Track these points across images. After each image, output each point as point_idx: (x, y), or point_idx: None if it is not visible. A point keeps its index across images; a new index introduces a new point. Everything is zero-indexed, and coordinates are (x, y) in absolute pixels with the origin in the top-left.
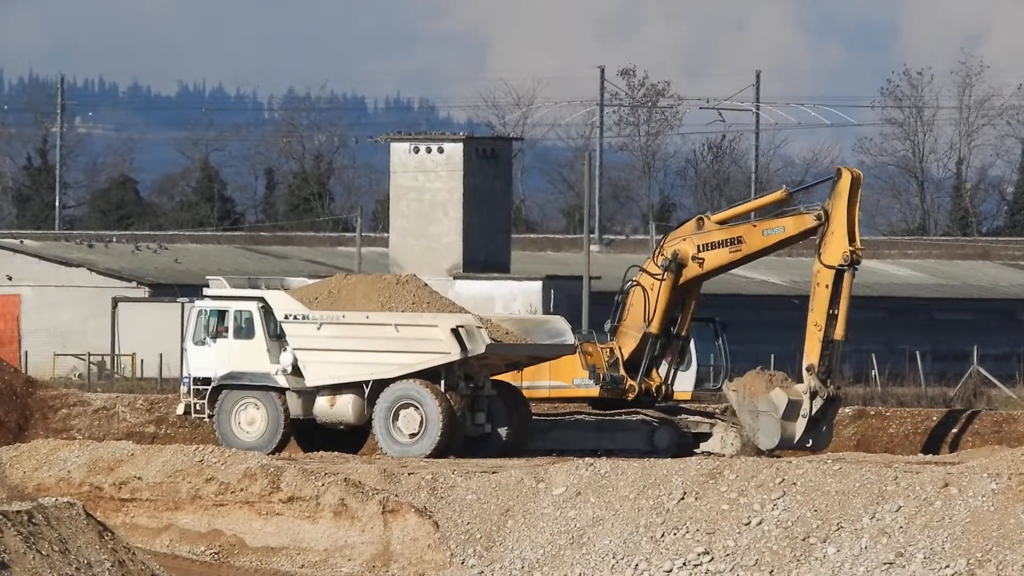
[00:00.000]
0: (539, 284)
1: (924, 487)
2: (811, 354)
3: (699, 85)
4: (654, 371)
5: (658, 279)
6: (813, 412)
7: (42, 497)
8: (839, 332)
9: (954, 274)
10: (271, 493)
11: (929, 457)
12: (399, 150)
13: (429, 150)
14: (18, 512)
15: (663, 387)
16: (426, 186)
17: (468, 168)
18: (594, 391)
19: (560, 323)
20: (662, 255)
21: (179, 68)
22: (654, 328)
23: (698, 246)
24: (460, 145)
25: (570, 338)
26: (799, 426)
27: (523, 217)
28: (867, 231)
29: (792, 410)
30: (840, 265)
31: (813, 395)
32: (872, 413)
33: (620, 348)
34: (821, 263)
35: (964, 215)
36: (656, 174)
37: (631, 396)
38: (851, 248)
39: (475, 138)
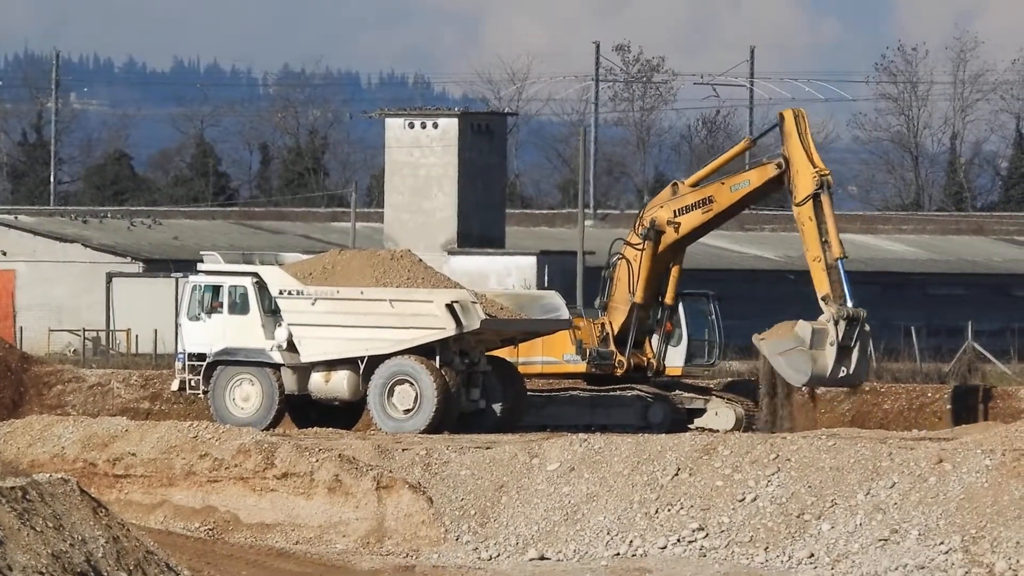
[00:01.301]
0: (534, 259)
1: (918, 463)
2: (821, 286)
3: (693, 60)
4: (647, 346)
5: (639, 249)
6: (840, 338)
7: (36, 473)
8: (835, 252)
9: (948, 249)
10: (265, 469)
11: (923, 433)
12: (394, 125)
13: (424, 125)
14: (12, 488)
15: (654, 361)
16: (421, 161)
17: (463, 143)
18: (582, 366)
19: (555, 298)
20: (641, 225)
21: (174, 44)
22: (638, 298)
23: (674, 211)
24: (455, 120)
25: (565, 313)
26: (829, 355)
27: (518, 192)
28: (862, 206)
29: (819, 339)
30: (814, 191)
31: (836, 321)
32: (867, 389)
33: (610, 323)
34: (796, 205)
35: (959, 190)
36: (651, 149)
37: (620, 371)
38: (816, 171)
39: (470, 113)
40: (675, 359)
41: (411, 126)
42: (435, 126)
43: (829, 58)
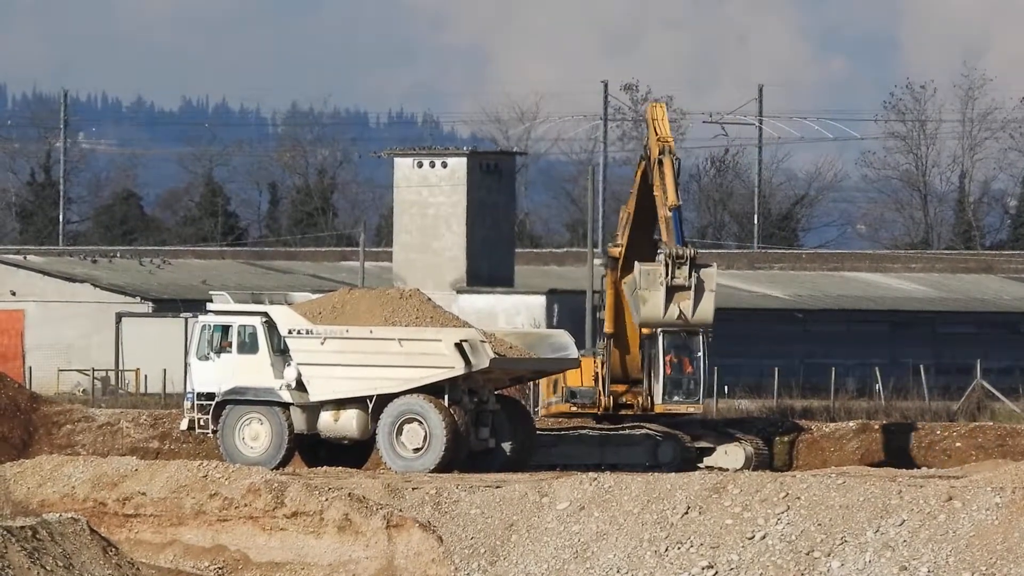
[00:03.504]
0: (543, 298)
1: (928, 501)
2: (660, 235)
3: (702, 99)
4: (644, 384)
5: (604, 278)
6: (671, 278)
7: (46, 513)
8: (670, 203)
9: (957, 288)
10: (275, 508)
11: (933, 471)
12: (402, 165)
13: (432, 164)
14: (22, 528)
15: (645, 399)
16: (429, 200)
17: (471, 182)
18: (564, 407)
19: (563, 337)
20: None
21: (182, 83)
22: (607, 327)
23: (614, 235)
24: (463, 159)
25: (574, 352)
26: (660, 295)
27: (527, 231)
28: (871, 245)
29: (651, 280)
30: (659, 156)
31: (666, 262)
32: (876, 427)
33: (601, 362)
34: (649, 169)
35: (967, 228)
36: None
37: (599, 410)
38: (659, 139)
39: (478, 152)
40: (655, 395)
41: (420, 165)
42: (444, 165)
43: (838, 96)
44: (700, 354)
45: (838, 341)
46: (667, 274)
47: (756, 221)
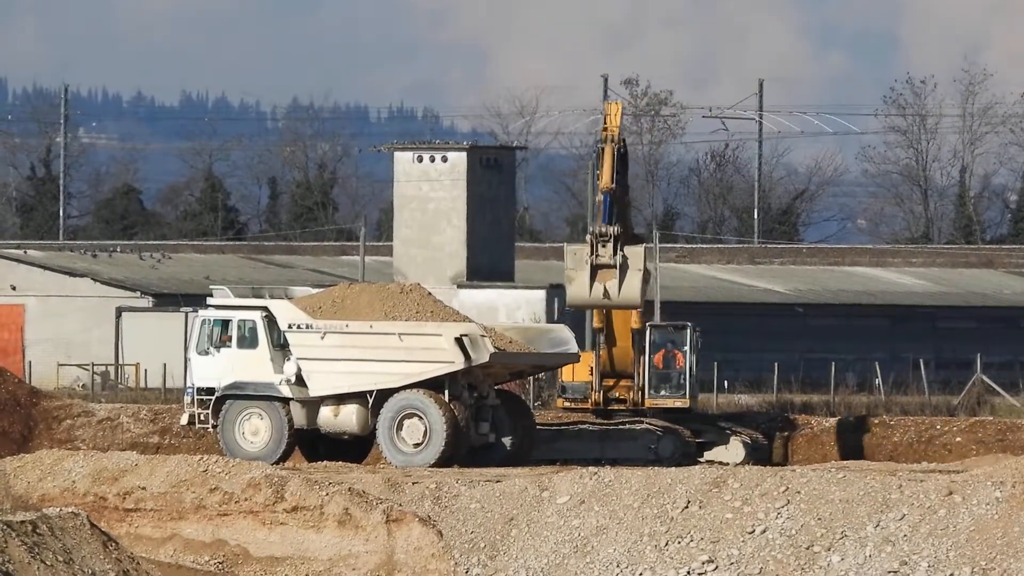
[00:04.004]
0: (543, 293)
1: (928, 495)
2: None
3: (702, 94)
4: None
5: None
6: (595, 256)
7: (46, 507)
8: (603, 186)
9: (958, 282)
10: (275, 503)
11: (933, 465)
12: (403, 159)
13: (433, 159)
14: (23, 522)
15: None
16: (430, 195)
17: (471, 177)
18: (560, 401)
19: (564, 332)
20: None
21: (183, 78)
22: (596, 323)
23: (591, 229)
24: (464, 154)
25: (574, 347)
26: (584, 273)
27: (527, 226)
28: (871, 239)
29: (577, 260)
30: (601, 144)
31: (591, 242)
32: (876, 422)
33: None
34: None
35: (968, 223)
36: (659, 183)
37: (588, 405)
38: (603, 128)
39: (478, 147)
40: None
41: (420, 160)
42: (444, 160)
43: (838, 91)
44: (687, 348)
45: (838, 336)
46: (591, 252)
47: (756, 216)
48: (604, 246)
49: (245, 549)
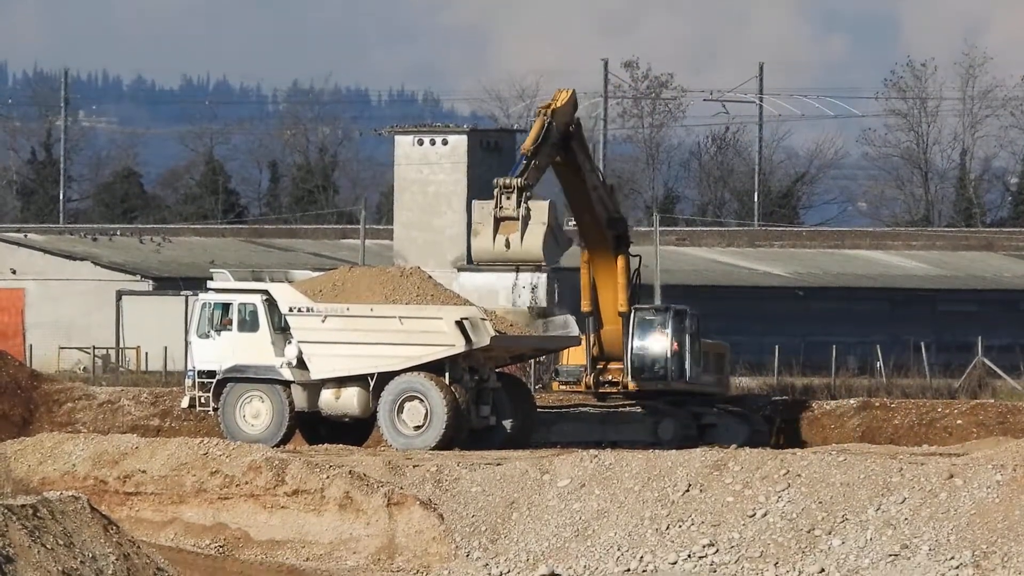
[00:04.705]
0: (544, 276)
1: (929, 479)
2: None
3: (702, 77)
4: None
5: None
6: (500, 209)
7: (47, 491)
8: (525, 146)
9: (958, 265)
10: (276, 486)
11: (934, 448)
12: (403, 143)
13: (433, 142)
14: (23, 506)
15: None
16: (430, 178)
17: (472, 160)
18: (554, 384)
19: (564, 315)
20: None
21: (183, 62)
22: (584, 306)
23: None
24: (464, 137)
25: (575, 330)
26: (490, 227)
27: None
28: (871, 222)
29: (484, 214)
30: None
31: (496, 195)
32: (877, 404)
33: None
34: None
35: (968, 206)
36: (660, 166)
37: (580, 388)
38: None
39: (479, 130)
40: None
41: (420, 143)
42: (444, 143)
43: (838, 74)
44: (669, 331)
45: (839, 319)
46: (496, 205)
47: (756, 199)
48: (508, 198)
49: (246, 532)
